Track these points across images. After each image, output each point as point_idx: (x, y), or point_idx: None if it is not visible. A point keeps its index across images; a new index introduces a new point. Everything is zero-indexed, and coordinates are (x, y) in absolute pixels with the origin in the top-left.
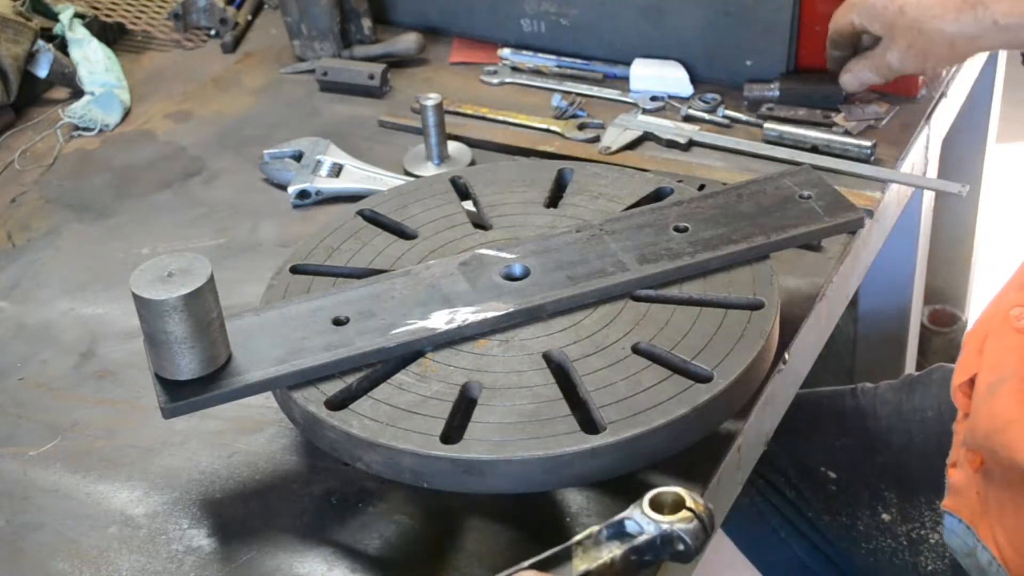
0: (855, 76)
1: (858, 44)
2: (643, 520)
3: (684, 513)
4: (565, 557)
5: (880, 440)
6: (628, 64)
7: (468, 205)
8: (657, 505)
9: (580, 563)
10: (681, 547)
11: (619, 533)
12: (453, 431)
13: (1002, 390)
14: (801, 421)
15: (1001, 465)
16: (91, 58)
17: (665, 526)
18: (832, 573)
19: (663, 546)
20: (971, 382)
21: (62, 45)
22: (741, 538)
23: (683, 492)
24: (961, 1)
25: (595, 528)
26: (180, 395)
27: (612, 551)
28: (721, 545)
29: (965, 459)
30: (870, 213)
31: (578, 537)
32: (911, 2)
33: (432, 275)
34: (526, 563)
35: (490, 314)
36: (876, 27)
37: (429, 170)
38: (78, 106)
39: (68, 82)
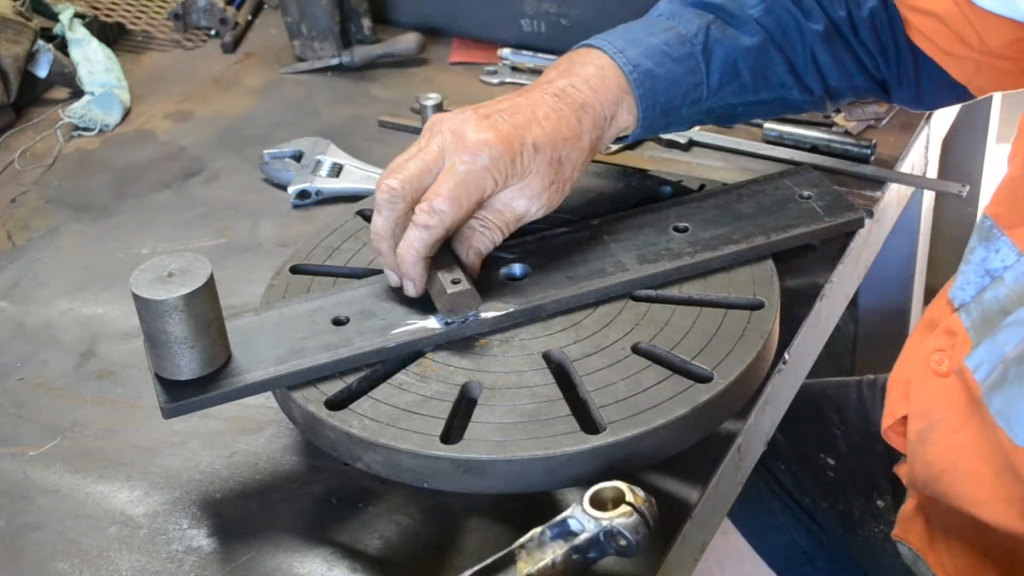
0: (477, 246)
1: None
2: (584, 518)
3: (624, 508)
4: (510, 561)
5: (878, 430)
6: None
7: None
8: (598, 502)
9: (524, 565)
10: (623, 542)
11: (563, 532)
12: (453, 431)
13: (932, 437)
14: (803, 410)
15: (942, 506)
16: (91, 58)
17: (605, 523)
18: (828, 557)
19: (606, 542)
20: (901, 423)
21: (62, 45)
22: (741, 522)
23: (623, 487)
24: (574, 111)
25: (538, 529)
26: (180, 395)
27: (555, 551)
28: (727, 535)
29: (913, 492)
30: (870, 213)
31: (522, 540)
32: (539, 135)
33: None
34: (467, 572)
35: (490, 314)
36: (509, 182)
37: None
38: (78, 106)
39: (68, 82)
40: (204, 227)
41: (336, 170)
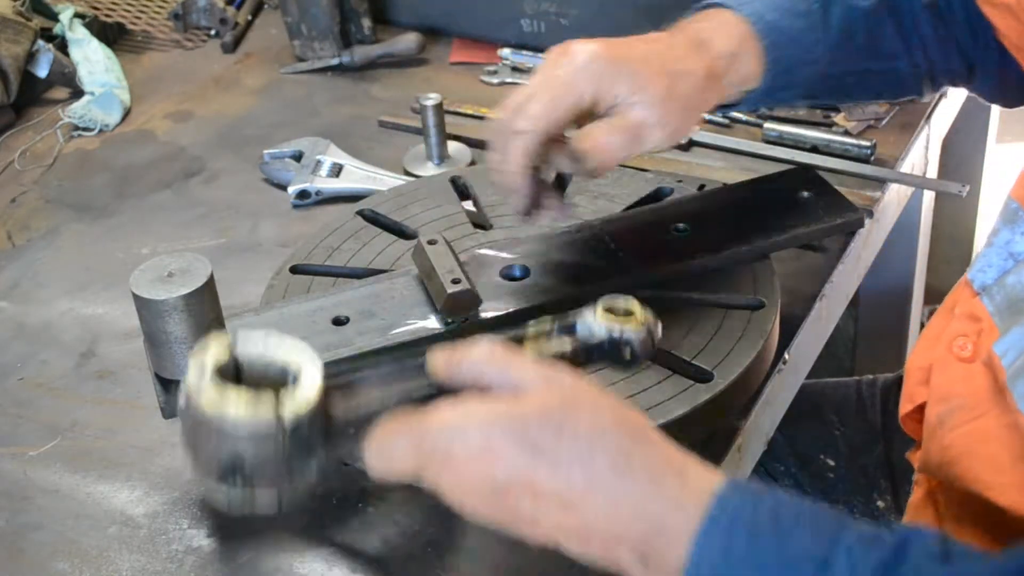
0: (601, 141)
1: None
2: (595, 324)
3: (635, 320)
4: (519, 338)
5: (878, 430)
6: None
7: (468, 205)
8: (608, 311)
9: (531, 346)
10: (627, 352)
11: (569, 330)
12: None
13: (952, 421)
14: (803, 410)
15: (956, 493)
16: (91, 58)
17: (616, 332)
18: None
19: (611, 350)
20: (919, 409)
21: (62, 45)
22: None
23: (635, 301)
24: (688, 43)
25: (546, 324)
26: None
27: (563, 345)
28: None
29: (922, 482)
30: (870, 213)
31: (530, 330)
32: (649, 50)
33: None
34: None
35: (490, 314)
36: (618, 88)
37: (429, 170)
38: (78, 106)
39: (68, 82)
40: (204, 227)
41: (336, 170)
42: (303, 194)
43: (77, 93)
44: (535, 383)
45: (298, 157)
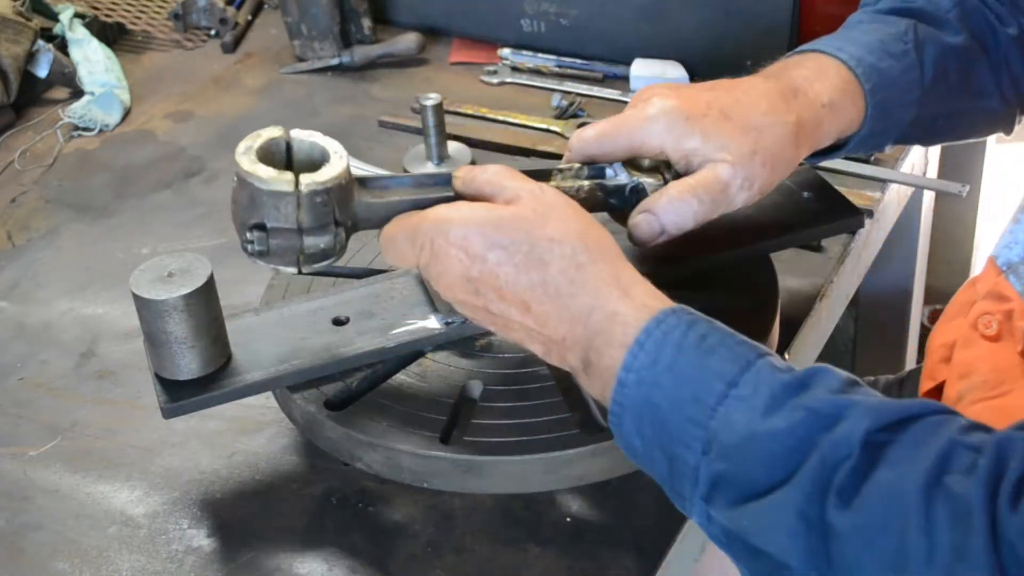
0: (660, 214)
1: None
2: (621, 172)
3: (656, 174)
4: (546, 176)
5: None
6: (628, 64)
7: None
8: (635, 165)
9: (555, 183)
10: (644, 198)
11: (598, 174)
12: (453, 431)
13: (972, 396)
14: None
15: None
16: (91, 58)
17: (636, 179)
18: None
19: (630, 195)
20: (938, 389)
21: (62, 45)
22: None
23: (661, 161)
24: (781, 92)
25: (577, 164)
26: (180, 395)
27: (585, 183)
28: None
29: None
30: (870, 213)
31: (560, 165)
32: (733, 102)
33: None
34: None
35: None
36: (695, 144)
37: (429, 170)
38: (78, 106)
39: (68, 82)
40: (204, 227)
41: None
42: None
43: (77, 93)
44: (521, 195)
45: None
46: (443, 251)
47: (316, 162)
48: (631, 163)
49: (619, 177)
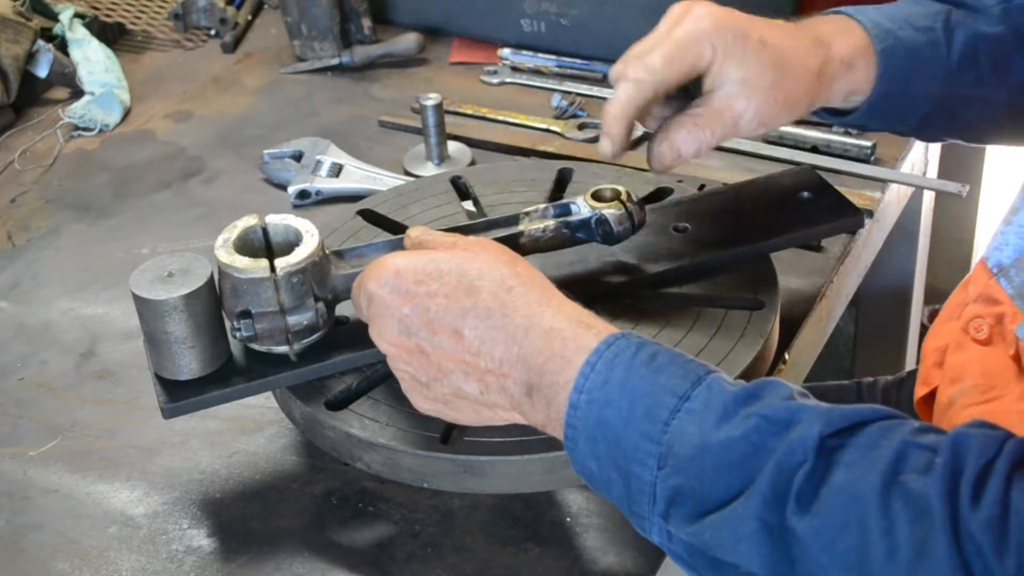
0: (680, 143)
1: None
2: (583, 205)
3: (616, 203)
4: (514, 221)
5: None
6: None
7: (468, 205)
8: (598, 196)
9: (523, 226)
10: (607, 230)
11: (563, 212)
12: (453, 431)
13: (963, 400)
14: None
15: None
16: (91, 58)
17: (597, 212)
18: None
19: (595, 228)
20: (932, 394)
21: (62, 45)
22: None
23: (621, 188)
24: (811, 40)
25: (543, 205)
26: (180, 395)
27: (548, 222)
28: None
29: None
30: (870, 213)
31: (528, 209)
32: (770, 34)
33: None
34: (480, 220)
35: None
36: (731, 64)
37: (429, 170)
38: (78, 106)
39: (68, 82)
40: (204, 227)
41: (336, 170)
42: (303, 194)
43: (77, 93)
44: (457, 241)
45: (298, 157)
46: (378, 297)
47: (292, 242)
48: (593, 195)
49: (583, 211)
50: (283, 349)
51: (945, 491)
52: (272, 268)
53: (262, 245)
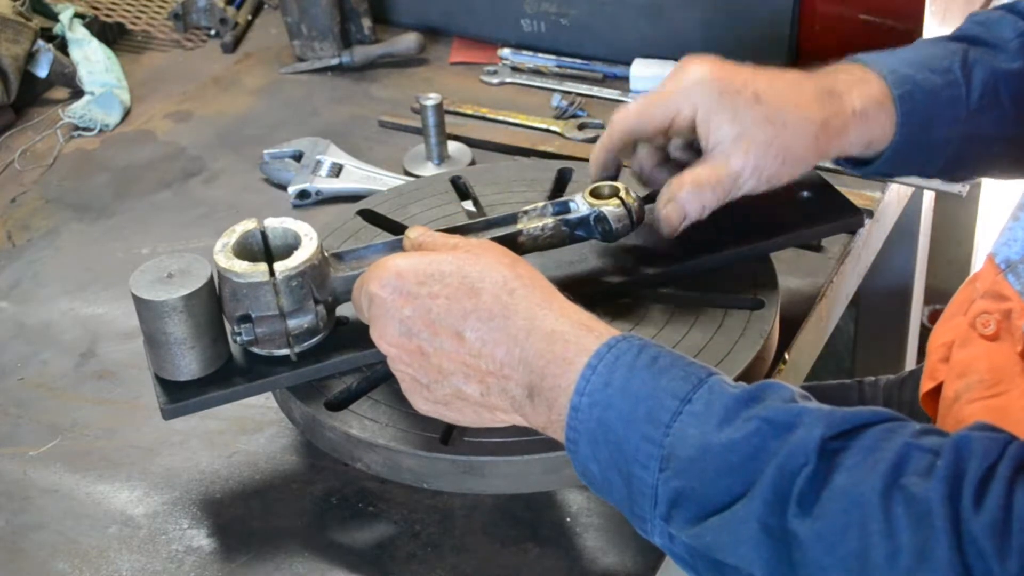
0: (684, 203)
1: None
2: (581, 203)
3: (615, 200)
4: (512, 220)
5: None
6: (628, 64)
7: (468, 205)
8: (596, 194)
9: (522, 224)
10: (606, 227)
11: (562, 210)
12: (453, 431)
13: (969, 395)
14: None
15: None
16: (91, 58)
17: (596, 209)
18: None
19: (593, 225)
20: (939, 389)
21: (62, 45)
22: None
23: (620, 185)
24: (817, 90)
25: (542, 203)
26: (180, 395)
27: (548, 219)
28: None
29: None
30: (870, 213)
31: (526, 207)
32: (768, 88)
33: None
34: (479, 220)
35: None
36: (723, 121)
37: (429, 170)
38: (78, 106)
39: (68, 82)
40: (204, 227)
41: (336, 170)
42: (303, 194)
43: (77, 93)
44: (459, 243)
45: (298, 157)
46: (379, 298)
47: (291, 246)
48: (592, 193)
49: (581, 209)
50: (283, 351)
51: (947, 494)
52: (271, 272)
53: (261, 249)
